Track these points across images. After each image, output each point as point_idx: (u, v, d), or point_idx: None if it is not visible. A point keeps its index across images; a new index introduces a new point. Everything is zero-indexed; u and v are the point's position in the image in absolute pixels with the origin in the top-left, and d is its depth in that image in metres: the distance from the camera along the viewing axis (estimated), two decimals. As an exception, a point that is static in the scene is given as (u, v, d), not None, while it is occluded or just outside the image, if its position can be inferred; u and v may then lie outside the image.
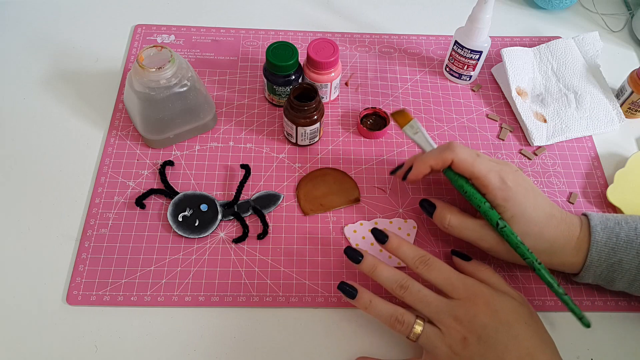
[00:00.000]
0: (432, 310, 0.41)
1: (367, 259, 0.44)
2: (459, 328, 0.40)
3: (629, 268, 0.44)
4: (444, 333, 0.41)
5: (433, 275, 0.43)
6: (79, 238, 0.50)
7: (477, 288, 0.42)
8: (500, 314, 0.40)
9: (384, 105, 0.61)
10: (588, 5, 0.73)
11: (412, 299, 0.42)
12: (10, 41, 0.64)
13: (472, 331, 0.40)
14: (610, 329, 0.48)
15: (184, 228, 0.50)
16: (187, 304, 0.47)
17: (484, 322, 0.40)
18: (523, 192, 0.44)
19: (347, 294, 0.44)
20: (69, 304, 0.47)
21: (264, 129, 0.58)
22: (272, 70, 0.55)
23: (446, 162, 0.45)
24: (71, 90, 0.60)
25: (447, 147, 0.45)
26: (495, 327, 0.39)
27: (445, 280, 0.42)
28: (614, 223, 0.45)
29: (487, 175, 0.44)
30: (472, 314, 0.40)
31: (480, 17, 0.55)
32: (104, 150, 0.55)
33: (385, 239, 0.45)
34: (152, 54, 0.49)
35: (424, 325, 0.41)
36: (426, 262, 0.43)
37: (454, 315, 0.41)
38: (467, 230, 0.46)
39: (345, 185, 0.54)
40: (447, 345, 0.40)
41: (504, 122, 0.60)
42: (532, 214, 0.44)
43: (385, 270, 0.43)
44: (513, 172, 0.45)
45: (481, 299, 0.41)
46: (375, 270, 0.43)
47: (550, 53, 0.64)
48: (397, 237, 0.45)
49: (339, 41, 0.66)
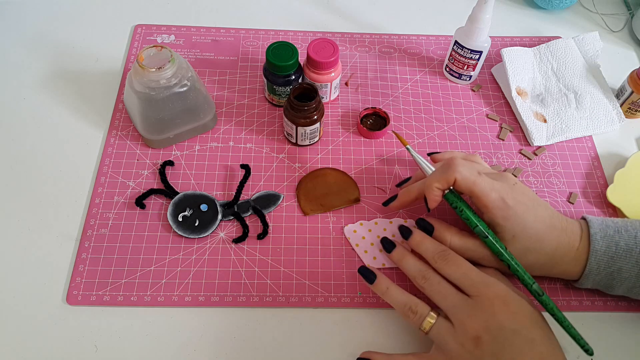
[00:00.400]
0: (449, 304, 0.41)
1: (399, 248, 0.46)
2: (473, 326, 0.39)
3: (628, 276, 0.44)
4: (457, 329, 0.40)
5: (451, 270, 0.43)
6: (79, 238, 0.50)
7: (496, 286, 0.41)
8: (519, 316, 0.40)
9: (384, 105, 0.61)
10: (588, 5, 0.73)
11: (430, 290, 0.42)
12: (10, 41, 0.64)
13: (488, 331, 0.39)
14: (610, 329, 0.48)
15: (184, 228, 0.50)
16: (187, 304, 0.47)
17: (501, 323, 0.39)
18: (523, 209, 0.43)
19: (367, 279, 0.45)
20: (69, 304, 0.47)
21: (264, 129, 0.58)
22: (272, 70, 0.55)
23: (450, 182, 0.44)
24: (71, 90, 0.60)
25: (448, 166, 0.44)
26: (513, 329, 0.39)
27: (463, 275, 0.42)
28: (613, 231, 0.44)
29: (488, 195, 0.43)
30: (489, 313, 0.40)
31: (480, 17, 0.55)
32: (104, 150, 0.55)
33: (409, 235, 0.46)
34: (152, 54, 0.49)
35: (437, 318, 0.41)
36: (445, 257, 0.43)
37: (470, 312, 0.40)
38: (469, 251, 0.45)
39: (345, 185, 0.54)
40: (458, 342, 0.40)
41: (504, 122, 0.60)
42: (533, 230, 0.43)
43: (412, 259, 0.45)
44: (511, 187, 0.44)
45: (499, 299, 0.40)
46: (404, 259, 0.45)
47: (550, 53, 0.64)
48: (420, 233, 0.46)
49: (339, 41, 0.66)
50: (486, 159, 0.57)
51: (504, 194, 0.43)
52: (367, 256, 0.50)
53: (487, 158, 0.57)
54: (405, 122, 0.59)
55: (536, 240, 0.44)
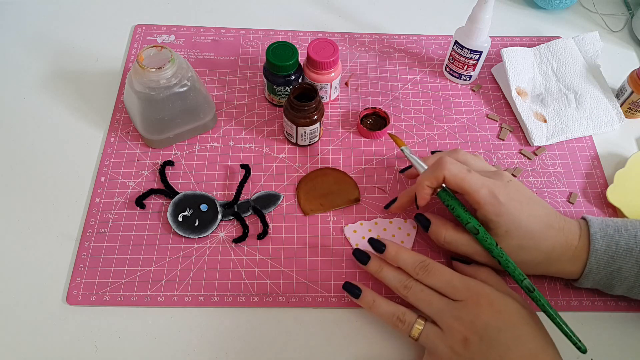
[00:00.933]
0: (434, 310, 0.42)
1: (374, 261, 0.46)
2: (460, 328, 0.40)
3: (628, 276, 0.44)
4: (445, 333, 0.41)
5: (434, 280, 0.43)
6: (79, 238, 0.50)
7: (480, 288, 0.42)
8: (504, 314, 0.40)
9: (384, 105, 0.61)
10: (588, 5, 0.73)
11: (414, 299, 0.43)
12: (10, 41, 0.64)
13: (474, 331, 0.39)
14: (610, 329, 0.48)
15: (184, 228, 0.50)
16: (187, 304, 0.47)
17: (487, 322, 0.40)
18: (517, 206, 0.43)
19: (352, 294, 0.45)
20: (69, 304, 0.47)
21: (264, 129, 0.58)
22: (272, 70, 0.55)
23: (439, 180, 0.44)
24: (71, 90, 0.60)
25: (437, 164, 0.44)
26: (498, 327, 0.39)
27: (446, 283, 0.42)
28: (613, 230, 0.44)
29: (478, 191, 0.43)
30: (474, 314, 0.40)
31: (480, 17, 0.55)
32: (104, 150, 0.55)
33: (383, 248, 0.45)
34: (152, 54, 0.49)
35: (425, 324, 0.42)
36: (426, 268, 0.43)
37: (456, 315, 0.41)
38: (463, 246, 0.45)
39: (345, 185, 0.54)
40: (448, 346, 0.40)
41: (504, 122, 0.60)
42: (528, 227, 0.43)
43: (390, 271, 0.45)
44: (505, 184, 0.44)
45: (484, 299, 0.41)
46: (382, 271, 0.45)
47: (550, 53, 0.64)
48: (394, 245, 0.45)
49: (339, 41, 0.66)
50: (486, 159, 0.57)
51: (495, 189, 0.43)
52: (367, 256, 0.50)
53: (487, 158, 0.57)
54: (405, 122, 0.60)
55: (530, 237, 0.44)
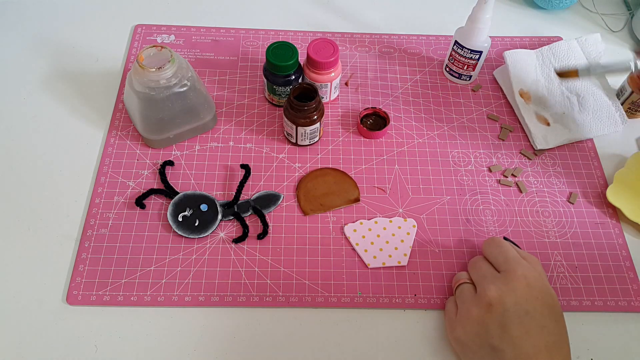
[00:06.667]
0: (479, 275, 0.44)
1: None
2: (492, 293, 0.41)
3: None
4: (478, 293, 0.43)
5: (491, 249, 0.45)
6: (79, 238, 0.50)
7: (527, 270, 0.42)
8: (539, 301, 0.41)
9: (384, 105, 0.61)
10: (588, 5, 0.73)
11: (471, 268, 0.46)
12: (10, 41, 0.64)
13: (502, 302, 0.40)
14: (610, 329, 0.48)
15: (184, 228, 0.50)
16: (187, 304, 0.47)
17: (519, 301, 0.40)
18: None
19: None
20: (69, 304, 0.47)
21: (264, 129, 0.58)
22: (272, 70, 0.55)
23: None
24: (71, 90, 0.60)
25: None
26: (526, 309, 0.40)
27: (499, 253, 0.44)
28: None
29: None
30: (510, 287, 0.41)
31: (480, 17, 0.55)
32: (104, 150, 0.55)
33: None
34: (152, 54, 0.49)
35: (467, 282, 0.45)
36: (491, 240, 0.46)
37: (494, 281, 0.42)
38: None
39: (345, 185, 0.54)
40: (474, 304, 0.42)
41: (504, 122, 0.60)
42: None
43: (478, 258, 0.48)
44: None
45: (526, 279, 0.41)
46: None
47: (553, 55, 0.63)
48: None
49: (339, 41, 0.66)
50: (486, 158, 0.57)
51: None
52: (367, 255, 0.50)
53: (487, 158, 0.57)
54: (405, 122, 0.60)
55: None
